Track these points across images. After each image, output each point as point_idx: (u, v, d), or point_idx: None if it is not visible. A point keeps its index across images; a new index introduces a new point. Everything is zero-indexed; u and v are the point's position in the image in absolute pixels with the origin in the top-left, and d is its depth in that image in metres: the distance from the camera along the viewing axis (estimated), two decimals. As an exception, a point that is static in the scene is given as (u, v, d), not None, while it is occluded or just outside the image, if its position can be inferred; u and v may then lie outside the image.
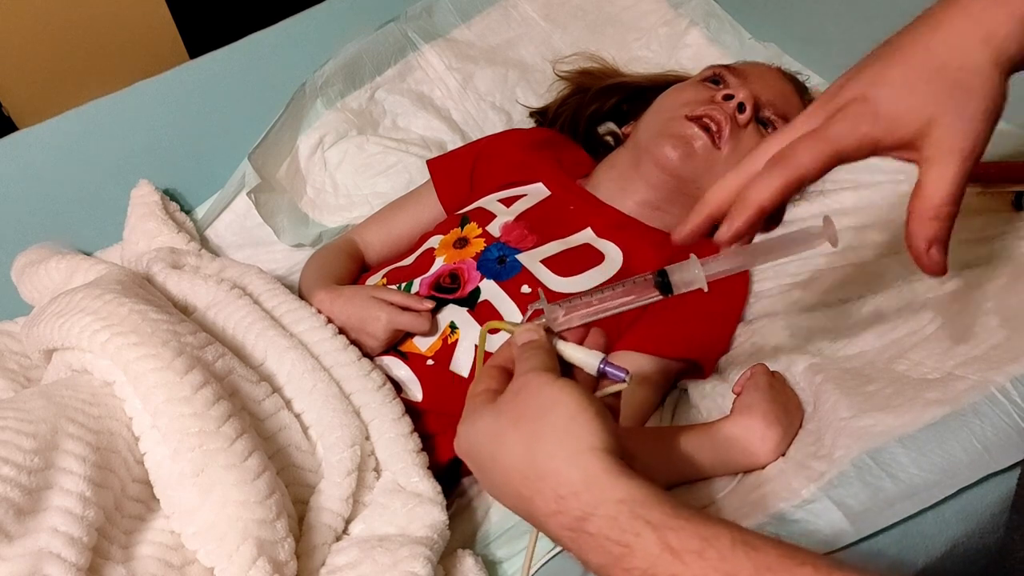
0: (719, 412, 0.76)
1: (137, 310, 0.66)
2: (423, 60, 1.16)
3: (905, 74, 0.47)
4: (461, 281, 0.83)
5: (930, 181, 0.48)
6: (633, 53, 1.17)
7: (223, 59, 1.09)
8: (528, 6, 1.21)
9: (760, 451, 0.67)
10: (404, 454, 0.71)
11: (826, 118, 0.49)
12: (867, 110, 0.48)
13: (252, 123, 1.05)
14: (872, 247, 0.84)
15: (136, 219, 0.98)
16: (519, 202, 0.91)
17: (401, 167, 1.09)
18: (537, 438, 0.43)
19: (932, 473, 0.57)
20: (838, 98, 0.49)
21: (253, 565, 0.57)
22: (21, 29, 1.14)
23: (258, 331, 0.74)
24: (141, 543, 0.60)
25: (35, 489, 0.55)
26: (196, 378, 0.62)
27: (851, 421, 0.63)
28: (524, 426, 0.44)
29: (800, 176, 0.48)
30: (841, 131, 0.48)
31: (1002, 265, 0.74)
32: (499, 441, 0.45)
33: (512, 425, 0.45)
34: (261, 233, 1.05)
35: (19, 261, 0.95)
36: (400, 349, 0.81)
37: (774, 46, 1.09)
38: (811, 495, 0.59)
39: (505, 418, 0.45)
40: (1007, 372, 0.59)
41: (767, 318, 0.85)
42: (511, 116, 1.15)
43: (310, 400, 0.71)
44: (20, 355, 0.89)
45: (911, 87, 0.47)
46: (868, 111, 0.48)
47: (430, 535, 0.65)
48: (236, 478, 0.60)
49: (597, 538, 0.40)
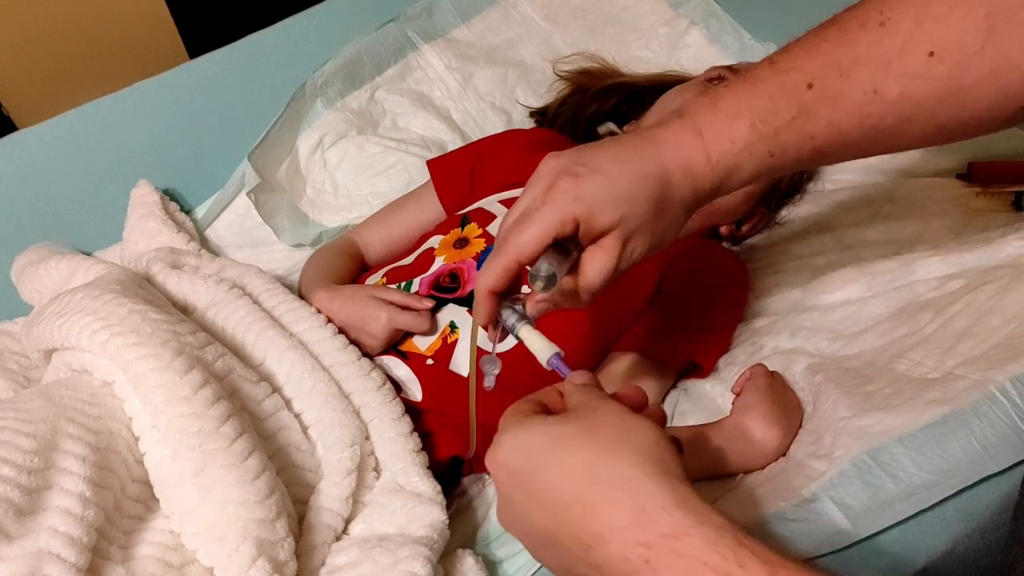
0: (719, 412, 0.76)
1: (137, 310, 0.66)
2: (423, 60, 1.16)
3: (618, 169, 0.52)
4: (461, 281, 0.83)
5: (592, 266, 0.53)
6: (633, 53, 1.17)
7: (223, 59, 1.09)
8: (528, 6, 1.21)
9: (760, 451, 0.67)
10: (404, 454, 0.71)
11: (544, 190, 0.52)
12: (573, 189, 0.52)
13: (252, 123, 1.05)
14: (872, 247, 0.84)
15: (136, 219, 0.98)
16: (519, 202, 0.90)
17: (401, 167, 1.09)
18: (617, 452, 0.41)
19: (932, 473, 0.57)
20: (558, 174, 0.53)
21: (253, 565, 0.57)
22: (21, 29, 1.14)
23: (257, 331, 0.74)
24: (141, 543, 0.60)
25: (35, 489, 0.55)
26: (196, 378, 0.62)
27: (851, 421, 0.63)
28: (600, 437, 0.42)
29: (517, 259, 0.52)
30: (547, 213, 0.51)
31: (1002, 265, 0.74)
32: (566, 446, 0.42)
33: (585, 435, 0.42)
34: (261, 233, 1.05)
35: (19, 261, 0.95)
36: (400, 348, 0.81)
37: (774, 46, 1.09)
38: (811, 495, 0.59)
39: (575, 427, 0.43)
40: (1007, 371, 0.59)
41: (767, 318, 0.85)
42: (511, 116, 1.15)
43: (310, 400, 0.71)
44: (20, 355, 0.88)
45: (616, 180, 0.52)
46: (573, 191, 0.51)
47: (430, 535, 0.65)
48: (236, 478, 0.60)
49: (688, 559, 0.37)
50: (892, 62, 0.50)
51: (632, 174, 0.52)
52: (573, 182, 0.52)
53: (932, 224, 0.82)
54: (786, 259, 0.90)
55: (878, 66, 0.50)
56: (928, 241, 0.81)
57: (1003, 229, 0.77)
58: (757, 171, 0.54)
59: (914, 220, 0.84)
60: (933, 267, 0.78)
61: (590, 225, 0.51)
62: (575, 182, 0.52)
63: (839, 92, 0.51)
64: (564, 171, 0.52)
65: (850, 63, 0.51)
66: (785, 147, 0.53)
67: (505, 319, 0.55)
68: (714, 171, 0.53)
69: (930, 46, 0.49)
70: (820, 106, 0.52)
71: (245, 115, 1.08)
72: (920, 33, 0.49)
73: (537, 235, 0.51)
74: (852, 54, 0.51)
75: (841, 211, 0.90)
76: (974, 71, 0.49)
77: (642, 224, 0.53)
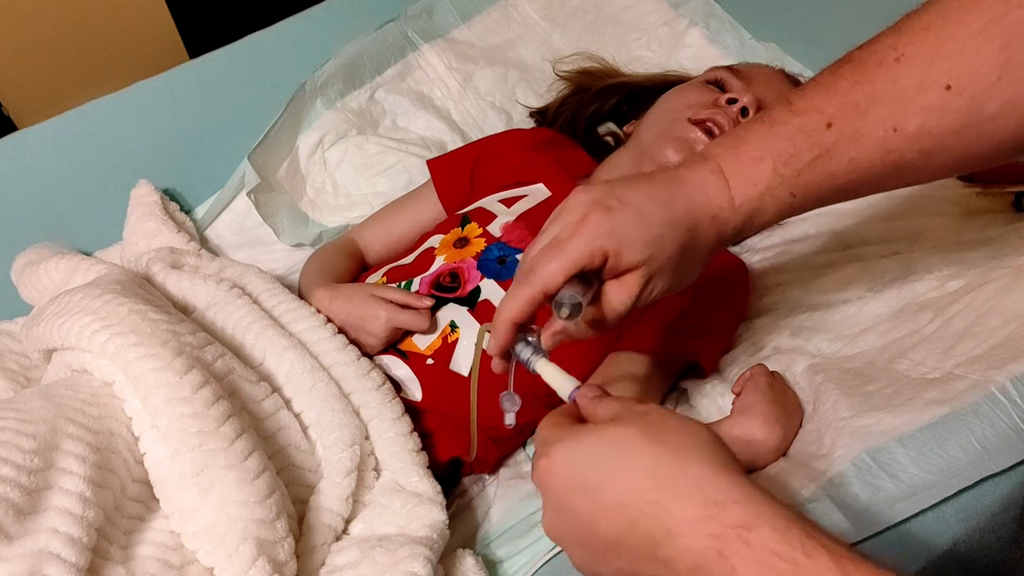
0: (719, 412, 0.76)
1: (136, 310, 0.66)
2: (423, 60, 1.16)
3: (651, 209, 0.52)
4: (461, 280, 0.83)
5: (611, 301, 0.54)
6: (633, 53, 1.17)
7: (223, 59, 1.09)
8: (528, 6, 1.21)
9: (760, 451, 0.67)
10: (404, 454, 0.71)
11: (576, 222, 0.52)
12: (606, 222, 0.52)
13: (252, 123, 1.05)
14: (872, 247, 0.84)
15: (136, 219, 0.98)
16: (520, 202, 0.91)
17: (401, 167, 1.09)
18: (681, 451, 0.42)
19: (932, 473, 0.57)
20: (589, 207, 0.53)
21: (253, 565, 0.57)
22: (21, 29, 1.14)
23: (257, 331, 0.74)
24: (141, 543, 0.60)
25: (35, 489, 0.55)
26: (196, 378, 0.62)
27: (851, 421, 0.63)
28: (661, 438, 0.43)
29: (543, 289, 0.52)
30: (578, 245, 0.51)
31: (1002, 265, 0.73)
32: (629, 449, 0.43)
33: (646, 437, 0.43)
34: (261, 233, 1.05)
35: (19, 261, 0.95)
36: (400, 348, 0.81)
37: (774, 46, 1.09)
38: (811, 494, 0.59)
39: (634, 430, 0.44)
40: (1007, 371, 0.59)
41: (767, 318, 0.85)
42: (511, 116, 1.15)
43: (309, 400, 0.71)
44: (20, 355, 0.89)
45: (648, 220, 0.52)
46: (605, 224, 0.52)
47: (430, 535, 0.65)
48: (236, 478, 0.60)
49: (757, 549, 0.38)
50: (910, 98, 0.50)
51: (663, 217, 0.52)
52: (606, 215, 0.52)
53: (932, 224, 0.82)
54: (786, 259, 0.90)
55: (896, 103, 0.50)
56: (928, 241, 0.81)
57: (1003, 229, 0.77)
58: (778, 213, 0.55)
59: (914, 220, 0.84)
60: (933, 267, 0.78)
61: (618, 261, 0.52)
62: (608, 216, 0.52)
63: (859, 131, 0.51)
64: (597, 203, 0.52)
65: (868, 101, 0.51)
66: (807, 188, 0.53)
67: (519, 352, 0.54)
68: (737, 215, 0.54)
69: (947, 80, 0.49)
70: (841, 145, 0.52)
71: (245, 115, 1.08)
72: (936, 68, 0.49)
73: (566, 265, 0.51)
74: (869, 92, 0.51)
75: (841, 211, 0.90)
76: (993, 102, 0.49)
77: (665, 267, 0.53)
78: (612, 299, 0.54)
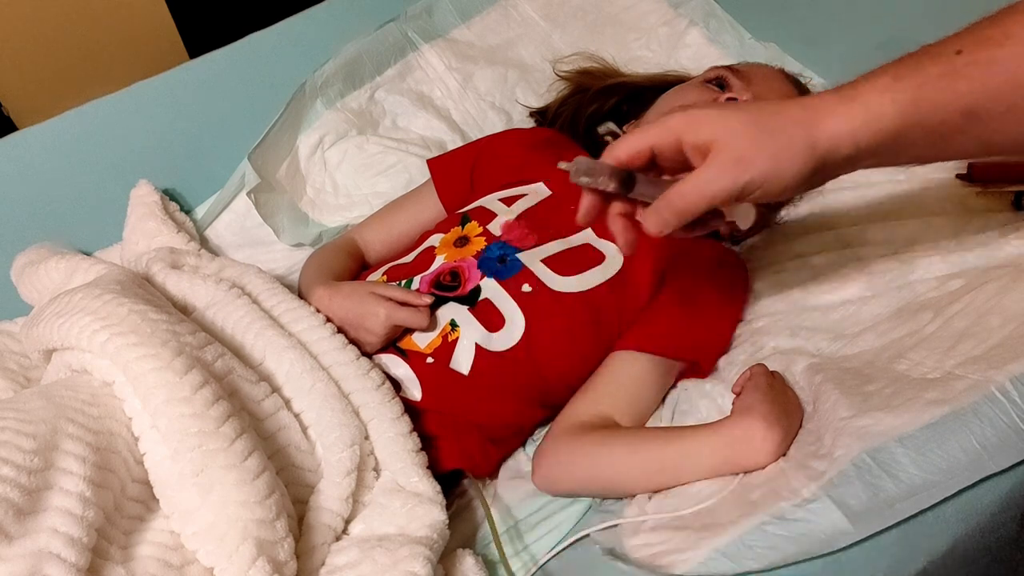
0: (719, 412, 0.76)
1: (136, 310, 0.66)
2: (423, 60, 1.16)
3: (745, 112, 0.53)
4: (462, 279, 0.83)
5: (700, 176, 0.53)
6: (633, 53, 1.17)
7: (223, 59, 1.10)
8: (528, 6, 1.22)
9: (760, 451, 0.67)
10: (403, 453, 0.71)
11: None
12: (684, 112, 0.54)
13: (252, 123, 1.05)
14: (872, 247, 0.84)
15: (136, 219, 0.98)
16: (520, 201, 0.91)
17: (401, 167, 1.09)
18: None
19: (932, 473, 0.57)
20: None
21: (253, 565, 0.57)
22: (21, 29, 1.14)
23: (257, 330, 0.74)
24: (141, 543, 0.60)
25: (35, 489, 0.55)
26: (195, 378, 0.62)
27: (851, 421, 0.63)
28: None
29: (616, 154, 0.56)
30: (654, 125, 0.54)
31: (1002, 265, 0.74)
32: None
33: None
34: (261, 233, 1.05)
35: (18, 261, 0.95)
36: (399, 346, 0.81)
37: (774, 46, 1.09)
38: (811, 494, 0.59)
39: None
40: (1007, 371, 0.59)
41: (767, 318, 0.85)
42: (511, 116, 1.15)
43: (309, 399, 0.71)
44: (20, 355, 0.88)
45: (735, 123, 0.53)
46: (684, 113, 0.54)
47: (430, 535, 0.65)
48: (236, 478, 0.60)
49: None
50: None
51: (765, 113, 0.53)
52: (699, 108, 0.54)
53: (932, 224, 0.82)
54: (786, 259, 0.90)
55: None
56: (928, 241, 0.81)
57: (1003, 229, 0.77)
58: (900, 120, 0.51)
59: (914, 220, 0.84)
60: (933, 267, 0.78)
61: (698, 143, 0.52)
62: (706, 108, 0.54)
63: (992, 58, 0.49)
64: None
65: (1002, 36, 0.49)
66: (933, 101, 0.51)
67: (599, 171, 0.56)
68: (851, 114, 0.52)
69: None
70: (971, 70, 0.50)
71: (245, 115, 1.08)
72: None
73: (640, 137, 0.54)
74: (1003, 30, 0.50)
75: (841, 211, 0.90)
76: None
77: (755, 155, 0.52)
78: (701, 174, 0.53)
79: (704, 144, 0.52)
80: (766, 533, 0.59)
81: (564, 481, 0.75)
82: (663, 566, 0.61)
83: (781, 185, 0.52)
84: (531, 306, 0.80)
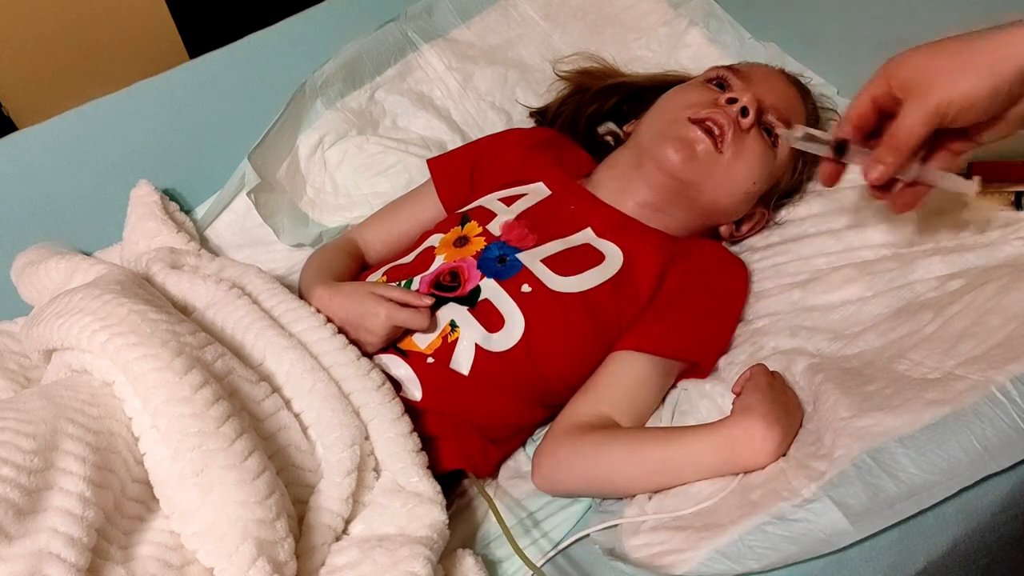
0: (719, 412, 0.76)
1: (136, 310, 0.66)
2: (423, 60, 1.16)
3: (935, 45, 0.60)
4: (461, 279, 0.83)
5: (903, 114, 0.61)
6: (633, 53, 1.17)
7: (223, 59, 1.10)
8: (528, 6, 1.21)
9: (760, 451, 0.67)
10: (403, 454, 0.71)
11: None
12: (889, 60, 0.62)
13: (252, 123, 1.05)
14: (872, 247, 0.84)
15: (136, 219, 0.98)
16: (520, 201, 0.91)
17: (401, 167, 1.09)
18: None
19: (932, 474, 0.57)
20: None
21: (253, 565, 0.57)
22: (21, 29, 1.14)
23: (257, 331, 0.74)
24: (141, 543, 0.60)
25: (35, 490, 0.55)
26: (195, 378, 0.62)
27: (851, 421, 0.63)
28: None
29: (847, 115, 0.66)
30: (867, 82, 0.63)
31: (1002, 265, 0.74)
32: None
33: None
34: (261, 233, 1.05)
35: (18, 261, 0.95)
36: (399, 347, 0.81)
37: (774, 46, 1.09)
38: (811, 494, 0.59)
39: None
40: (1008, 371, 0.59)
41: (767, 318, 0.85)
42: (511, 116, 1.15)
43: (309, 400, 0.71)
44: (20, 355, 0.88)
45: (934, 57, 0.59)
46: (888, 60, 0.62)
47: (430, 535, 0.65)
48: (236, 478, 0.60)
49: None
50: None
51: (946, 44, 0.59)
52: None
53: (932, 224, 0.82)
54: (786, 259, 0.90)
55: None
56: (928, 241, 0.81)
57: (1003, 229, 0.77)
58: None
59: (914, 220, 0.84)
60: (933, 267, 0.78)
61: (899, 80, 0.60)
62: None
63: None
64: None
65: None
66: None
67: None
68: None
69: None
70: None
71: (245, 115, 1.08)
72: None
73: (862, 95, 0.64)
74: None
75: (841, 211, 0.90)
76: None
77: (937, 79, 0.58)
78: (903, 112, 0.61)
79: (905, 83, 0.60)
80: (766, 533, 0.59)
81: (564, 481, 0.75)
82: (663, 566, 0.61)
83: (968, 102, 0.58)
84: (531, 306, 0.80)
